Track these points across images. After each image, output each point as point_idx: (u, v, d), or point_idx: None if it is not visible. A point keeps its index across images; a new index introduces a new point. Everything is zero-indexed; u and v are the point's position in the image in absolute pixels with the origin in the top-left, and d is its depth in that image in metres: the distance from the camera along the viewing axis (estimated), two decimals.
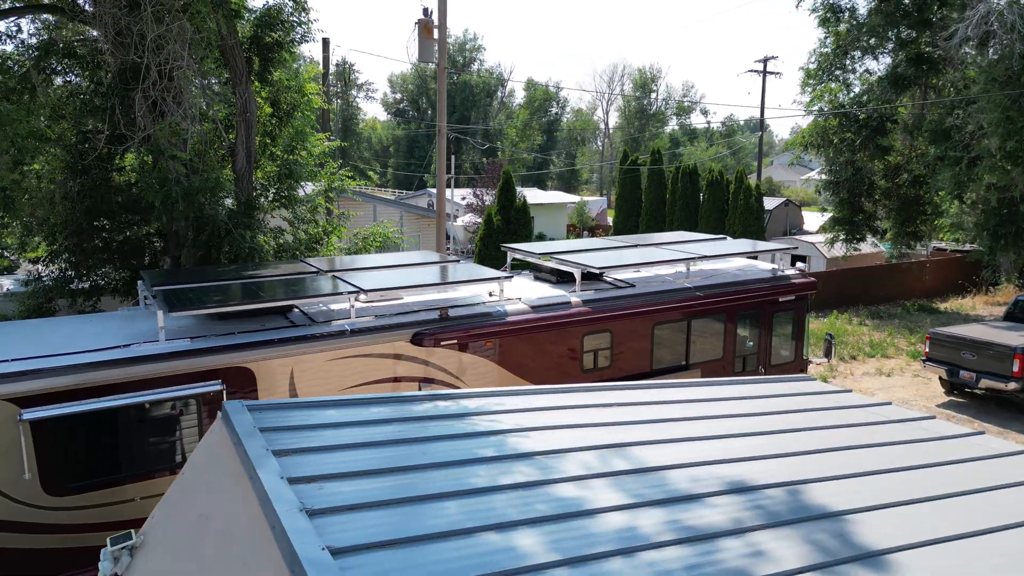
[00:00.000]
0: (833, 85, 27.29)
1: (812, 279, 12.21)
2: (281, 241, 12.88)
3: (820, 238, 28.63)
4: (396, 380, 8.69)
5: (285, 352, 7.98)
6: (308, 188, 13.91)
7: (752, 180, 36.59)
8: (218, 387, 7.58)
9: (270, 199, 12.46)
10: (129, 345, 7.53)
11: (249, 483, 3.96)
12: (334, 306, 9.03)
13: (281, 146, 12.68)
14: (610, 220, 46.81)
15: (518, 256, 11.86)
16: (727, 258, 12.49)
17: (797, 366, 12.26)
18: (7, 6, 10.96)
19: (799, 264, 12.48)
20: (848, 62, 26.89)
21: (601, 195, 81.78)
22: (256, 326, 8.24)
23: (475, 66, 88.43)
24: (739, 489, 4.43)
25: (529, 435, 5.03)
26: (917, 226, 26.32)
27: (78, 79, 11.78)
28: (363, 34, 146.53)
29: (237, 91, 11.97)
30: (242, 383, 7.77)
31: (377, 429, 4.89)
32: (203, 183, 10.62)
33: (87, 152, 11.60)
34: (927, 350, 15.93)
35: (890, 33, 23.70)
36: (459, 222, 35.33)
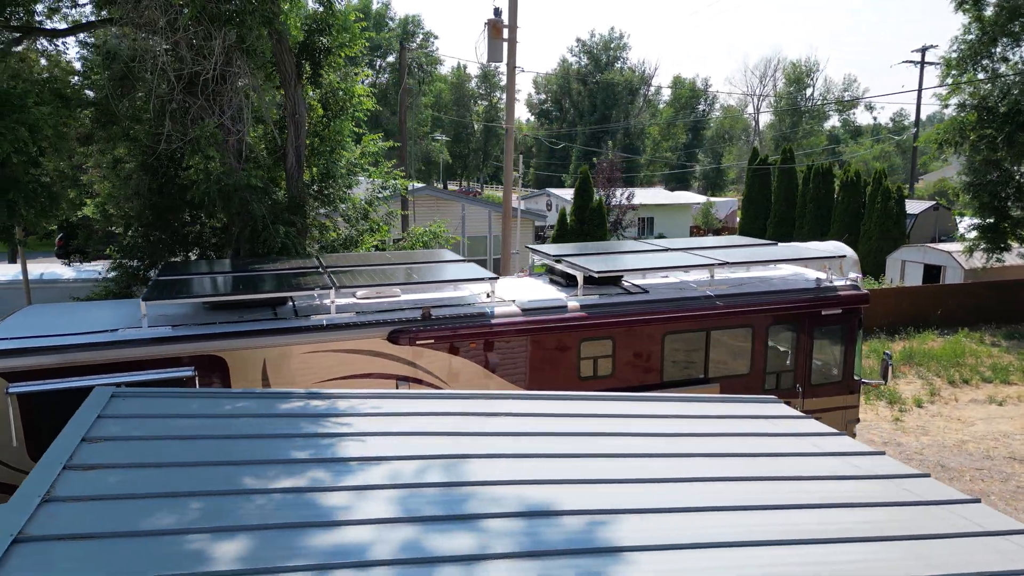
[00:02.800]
0: (981, 76, 24.40)
1: (864, 292, 10.98)
2: (331, 237, 13.43)
3: (957, 247, 25.73)
4: (372, 377, 8.80)
5: (256, 343, 8.32)
6: (361, 188, 14.39)
7: (890, 180, 33.53)
8: (190, 373, 8.04)
9: (311, 197, 13.01)
10: (115, 330, 8.17)
11: None
12: (326, 301, 9.27)
13: (328, 147, 13.21)
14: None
15: (537, 257, 11.63)
16: (768, 265, 11.56)
17: (845, 387, 11.11)
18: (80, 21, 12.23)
19: (851, 275, 11.28)
20: (998, 49, 23.96)
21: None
22: (241, 317, 8.65)
23: (618, 64, 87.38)
24: (533, 513, 4.13)
25: (366, 440, 4.95)
26: None
27: (150, 85, 12.86)
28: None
29: (287, 94, 12.61)
30: (215, 371, 8.19)
31: (211, 422, 5.00)
32: (237, 182, 11.28)
33: (155, 151, 12.66)
34: None
35: None
36: None
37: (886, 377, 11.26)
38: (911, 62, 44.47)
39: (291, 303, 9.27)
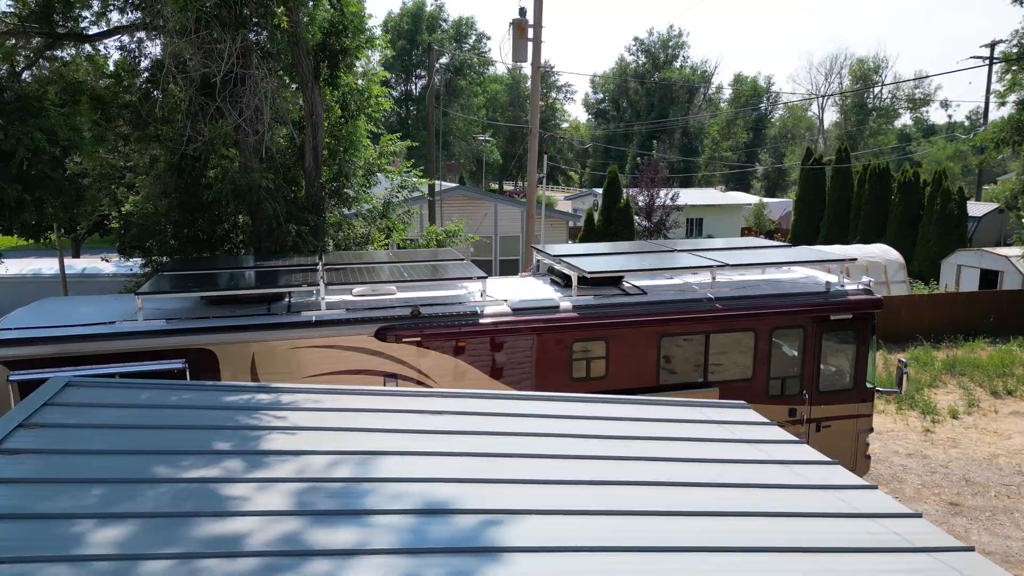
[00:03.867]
0: None
1: (876, 297, 10.56)
2: (346, 236, 13.68)
3: (1016, 251, 24.46)
4: (360, 373, 8.93)
5: (244, 338, 8.55)
6: (381, 187, 14.60)
7: (951, 182, 32.08)
8: (180, 365, 8.33)
9: (327, 196, 13.27)
10: (112, 322, 8.52)
11: None
12: (327, 298, 9.39)
13: (342, 146, 13.45)
14: None
15: (539, 257, 11.59)
16: (782, 268, 11.26)
17: (857, 395, 10.71)
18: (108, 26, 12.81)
19: (864, 278, 10.86)
20: None
21: None
22: (233, 312, 8.90)
23: (677, 63, 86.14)
24: (430, 511, 4.15)
25: (295, 434, 5.05)
26: None
27: (167, 86, 13.33)
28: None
29: (304, 95, 12.92)
30: (205, 364, 8.46)
31: (152, 413, 5.17)
32: (250, 181, 11.61)
33: (180, 152, 13.12)
34: None
35: None
36: None
37: (901, 385, 10.80)
38: (979, 58, 42.46)
39: (287, 299, 9.48)
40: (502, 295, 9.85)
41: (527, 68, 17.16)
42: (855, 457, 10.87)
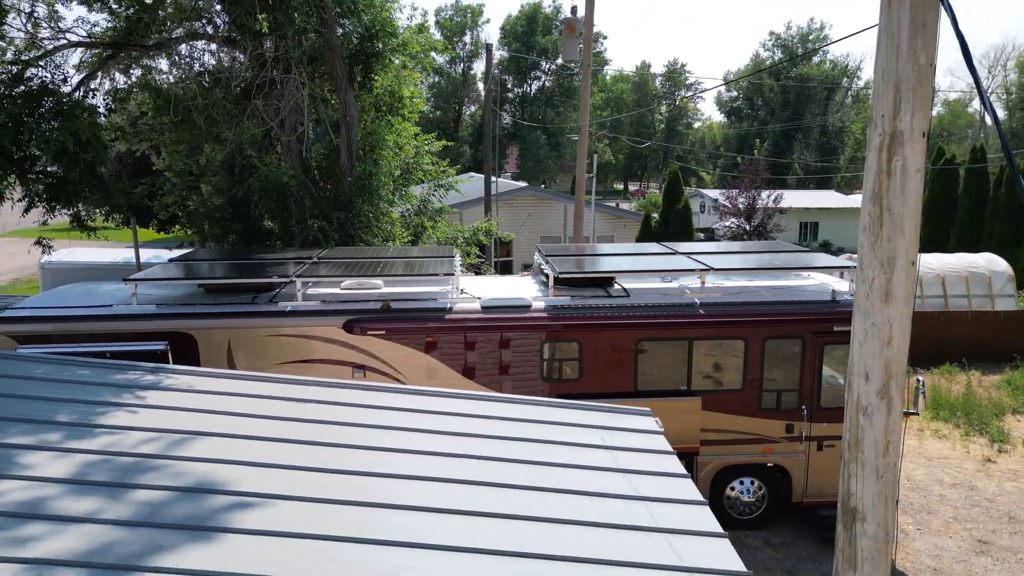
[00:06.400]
0: None
1: None
2: (372, 233, 14.17)
3: None
4: (328, 363, 9.29)
5: (220, 324, 9.14)
6: (418, 188, 15.01)
7: None
8: (162, 347, 9.02)
9: (359, 194, 13.79)
10: (109, 305, 9.37)
11: None
12: (307, 290, 9.85)
13: (369, 145, 13.91)
14: None
15: (536, 256, 11.46)
16: (779, 273, 10.54)
17: None
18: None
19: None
20: None
21: None
22: (216, 300, 9.51)
23: (816, 58, 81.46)
24: (193, 489, 4.36)
25: (137, 411, 5.42)
26: None
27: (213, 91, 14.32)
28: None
29: (339, 97, 13.53)
30: (185, 347, 9.12)
31: (35, 384, 5.70)
32: (274, 179, 12.33)
33: (227, 151, 14.12)
34: None
35: None
36: (715, 224, 33.55)
37: (918, 405, 9.77)
38: None
39: (278, 289, 9.99)
40: (481, 293, 9.89)
41: (656, 67, 16.90)
42: None
